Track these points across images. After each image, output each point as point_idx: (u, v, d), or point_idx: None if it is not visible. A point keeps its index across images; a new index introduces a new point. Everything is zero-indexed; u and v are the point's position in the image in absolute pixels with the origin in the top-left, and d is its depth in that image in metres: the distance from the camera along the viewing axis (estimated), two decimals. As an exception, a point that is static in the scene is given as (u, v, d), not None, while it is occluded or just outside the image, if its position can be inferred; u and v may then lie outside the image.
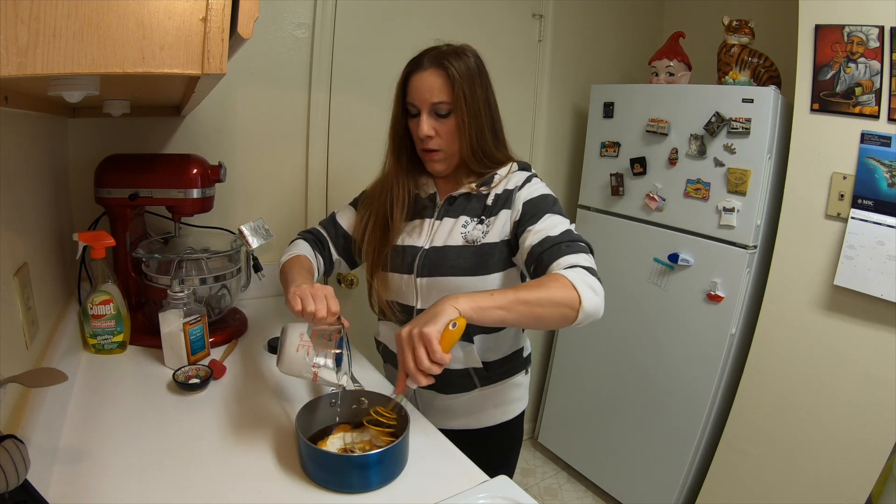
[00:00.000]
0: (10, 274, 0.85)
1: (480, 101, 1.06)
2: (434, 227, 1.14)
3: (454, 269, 1.08)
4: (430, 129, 1.06)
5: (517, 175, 1.13)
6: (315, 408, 0.94)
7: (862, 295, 1.51)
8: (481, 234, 1.08)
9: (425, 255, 1.11)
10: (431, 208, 1.16)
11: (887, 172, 1.45)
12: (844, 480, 1.57)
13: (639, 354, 2.06)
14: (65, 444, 0.88)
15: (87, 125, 1.40)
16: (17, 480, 0.57)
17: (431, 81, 1.04)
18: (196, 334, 1.16)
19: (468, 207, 1.12)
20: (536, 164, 2.27)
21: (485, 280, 1.08)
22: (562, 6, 2.16)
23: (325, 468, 0.84)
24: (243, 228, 1.24)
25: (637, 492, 2.10)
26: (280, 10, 1.61)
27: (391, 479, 0.86)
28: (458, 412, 1.19)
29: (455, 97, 1.04)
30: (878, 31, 1.43)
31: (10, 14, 0.43)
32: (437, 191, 1.17)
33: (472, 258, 1.07)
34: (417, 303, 1.13)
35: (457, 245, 1.09)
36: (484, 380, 1.16)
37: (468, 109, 1.05)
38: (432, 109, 1.06)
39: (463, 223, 1.11)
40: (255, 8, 0.51)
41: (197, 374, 1.11)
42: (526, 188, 1.10)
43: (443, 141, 1.08)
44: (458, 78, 1.03)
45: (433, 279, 1.10)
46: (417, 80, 1.06)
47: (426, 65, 1.05)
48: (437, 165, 1.12)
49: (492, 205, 1.10)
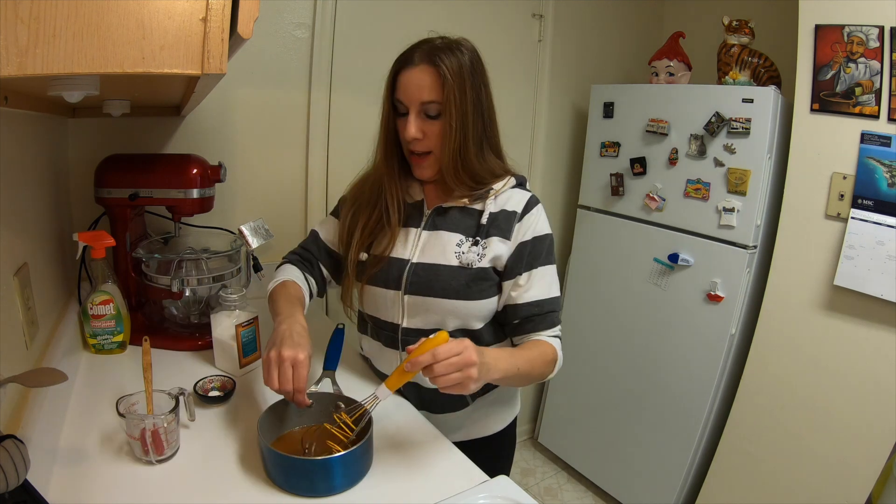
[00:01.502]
0: (10, 274, 0.85)
1: (470, 104, 0.98)
2: (421, 238, 1.07)
3: (446, 291, 1.02)
4: (417, 130, 0.99)
5: (516, 195, 1.06)
6: (284, 410, 0.92)
7: (862, 295, 1.51)
8: (477, 256, 1.02)
9: (413, 270, 1.04)
10: (418, 217, 1.08)
11: (887, 172, 1.45)
12: (844, 480, 1.57)
13: (639, 354, 2.06)
14: (65, 444, 0.88)
15: (87, 125, 1.40)
16: (17, 480, 0.57)
17: (421, 79, 0.97)
18: (248, 336, 1.14)
19: (461, 224, 1.05)
20: (536, 164, 2.27)
21: (475, 305, 1.04)
22: (562, 6, 2.16)
23: (286, 472, 0.82)
24: (243, 228, 1.24)
25: (637, 492, 2.10)
26: (280, 10, 1.61)
27: (356, 482, 0.85)
28: (450, 427, 1.12)
29: (445, 98, 0.96)
30: (878, 31, 1.43)
31: (10, 14, 0.43)
32: (424, 198, 1.10)
33: (466, 282, 1.02)
34: (403, 320, 1.06)
35: (451, 265, 1.02)
36: (475, 397, 1.13)
37: (456, 114, 0.97)
38: (421, 109, 0.99)
39: (458, 242, 1.04)
40: (255, 8, 0.51)
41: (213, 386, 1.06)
42: (526, 220, 1.04)
43: (431, 143, 1.01)
44: (450, 77, 0.95)
45: (422, 298, 1.04)
46: (406, 77, 0.98)
47: (416, 60, 0.98)
48: (426, 171, 1.05)
49: (487, 224, 1.03)
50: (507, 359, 0.93)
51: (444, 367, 0.80)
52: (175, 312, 1.31)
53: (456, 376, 0.81)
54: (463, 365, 0.81)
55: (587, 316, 2.25)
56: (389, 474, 0.89)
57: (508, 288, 1.05)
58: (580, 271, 2.28)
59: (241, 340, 1.12)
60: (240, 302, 1.15)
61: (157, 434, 0.83)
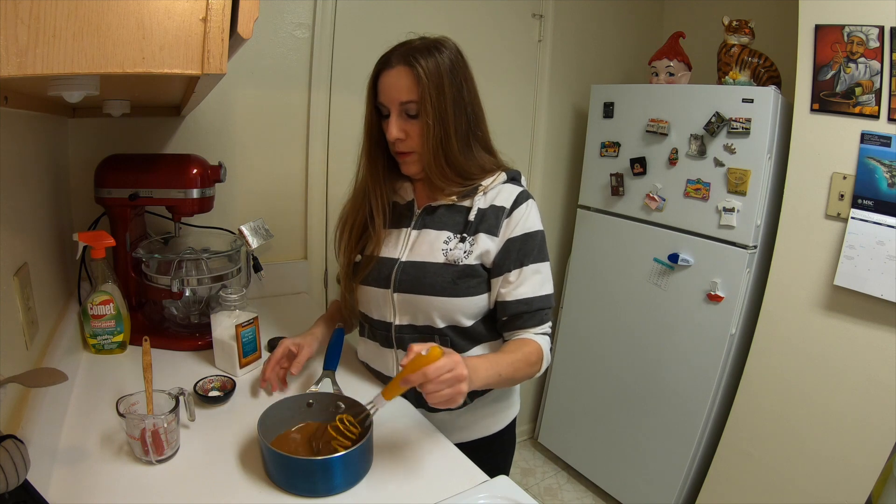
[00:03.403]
0: (10, 274, 0.85)
1: (449, 102, 0.99)
2: (410, 237, 1.08)
3: (433, 289, 1.03)
4: (399, 131, 1.00)
5: (506, 190, 1.06)
6: (284, 410, 0.93)
7: (862, 295, 1.51)
8: (463, 253, 1.03)
9: (402, 268, 1.06)
10: (409, 217, 1.10)
11: (887, 172, 1.45)
12: (844, 480, 1.57)
13: (639, 354, 2.06)
14: (65, 444, 0.88)
15: (87, 125, 1.40)
16: (17, 480, 0.57)
17: (398, 80, 0.98)
18: (248, 337, 1.15)
19: (449, 221, 1.06)
20: (536, 164, 2.27)
21: (463, 302, 1.04)
22: (562, 6, 2.16)
23: (286, 472, 0.82)
24: (243, 228, 1.24)
25: (637, 492, 2.10)
26: (280, 10, 1.61)
27: (356, 482, 0.85)
28: (450, 427, 1.12)
29: (421, 97, 0.97)
30: (878, 31, 1.43)
31: (10, 14, 0.43)
32: (415, 198, 1.11)
33: (452, 279, 1.03)
34: (395, 319, 1.08)
35: (437, 262, 1.03)
36: (473, 396, 1.13)
37: (434, 112, 0.98)
38: (402, 110, 1.00)
39: (445, 239, 1.04)
40: (255, 8, 0.51)
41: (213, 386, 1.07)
42: (515, 216, 1.04)
43: (414, 143, 1.02)
44: (425, 77, 0.96)
45: (410, 296, 1.05)
46: (385, 79, 1.00)
47: (394, 62, 0.99)
48: (412, 167, 1.06)
49: (475, 220, 1.04)
50: (486, 367, 0.93)
51: (436, 386, 0.82)
52: (175, 312, 1.31)
53: (447, 392, 0.82)
54: (454, 381, 0.83)
55: (587, 316, 2.25)
56: (389, 474, 0.89)
57: (498, 284, 1.05)
58: (580, 271, 2.28)
59: (241, 340, 1.13)
60: (240, 302, 1.15)
61: (157, 434, 0.83)
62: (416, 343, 0.86)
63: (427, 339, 1.06)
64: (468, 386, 0.85)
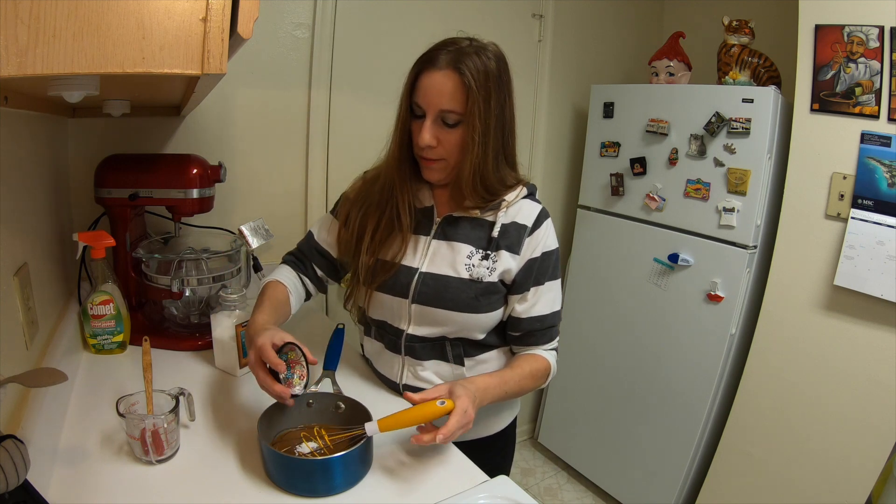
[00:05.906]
0: (10, 274, 0.85)
1: (495, 116, 0.93)
2: (430, 246, 1.04)
3: (454, 304, 1.00)
4: (432, 138, 0.94)
5: (526, 207, 1.03)
6: (284, 409, 0.92)
7: (862, 295, 1.51)
8: (487, 271, 1.00)
9: (422, 279, 1.02)
10: (427, 225, 1.05)
11: (887, 172, 1.45)
12: (844, 480, 1.57)
13: (639, 354, 2.06)
14: (65, 444, 0.88)
15: (87, 125, 1.40)
16: (17, 480, 0.57)
17: (443, 84, 0.91)
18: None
19: (472, 235, 1.02)
20: (536, 164, 2.27)
21: (482, 318, 1.03)
22: (562, 6, 2.16)
23: (286, 472, 0.82)
24: (243, 228, 1.24)
25: (637, 492, 2.10)
26: (280, 10, 1.61)
27: (356, 482, 0.85)
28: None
29: (468, 109, 0.91)
30: (878, 31, 1.43)
31: (10, 14, 0.43)
32: (434, 205, 1.06)
33: (475, 295, 1.00)
34: (408, 327, 1.06)
35: (461, 278, 1.00)
36: None
37: (481, 126, 0.92)
38: (439, 116, 0.93)
39: (468, 254, 1.01)
40: (255, 8, 0.51)
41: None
42: (536, 235, 1.02)
43: (445, 152, 0.97)
44: (475, 87, 0.90)
45: (430, 309, 1.02)
46: (427, 80, 0.92)
47: (440, 64, 0.91)
48: (436, 174, 1.01)
49: (497, 237, 1.01)
50: (496, 386, 0.97)
51: (452, 437, 0.85)
52: (175, 312, 1.31)
53: (459, 433, 0.86)
54: (467, 426, 0.87)
55: (587, 316, 2.25)
56: (389, 474, 0.89)
57: (514, 301, 1.05)
58: (580, 271, 2.28)
59: (241, 340, 1.12)
60: (240, 302, 1.14)
61: (157, 434, 0.83)
62: (431, 388, 0.90)
63: (438, 349, 1.07)
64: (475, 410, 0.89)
